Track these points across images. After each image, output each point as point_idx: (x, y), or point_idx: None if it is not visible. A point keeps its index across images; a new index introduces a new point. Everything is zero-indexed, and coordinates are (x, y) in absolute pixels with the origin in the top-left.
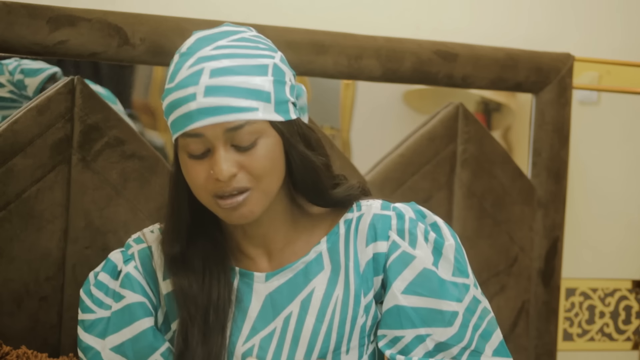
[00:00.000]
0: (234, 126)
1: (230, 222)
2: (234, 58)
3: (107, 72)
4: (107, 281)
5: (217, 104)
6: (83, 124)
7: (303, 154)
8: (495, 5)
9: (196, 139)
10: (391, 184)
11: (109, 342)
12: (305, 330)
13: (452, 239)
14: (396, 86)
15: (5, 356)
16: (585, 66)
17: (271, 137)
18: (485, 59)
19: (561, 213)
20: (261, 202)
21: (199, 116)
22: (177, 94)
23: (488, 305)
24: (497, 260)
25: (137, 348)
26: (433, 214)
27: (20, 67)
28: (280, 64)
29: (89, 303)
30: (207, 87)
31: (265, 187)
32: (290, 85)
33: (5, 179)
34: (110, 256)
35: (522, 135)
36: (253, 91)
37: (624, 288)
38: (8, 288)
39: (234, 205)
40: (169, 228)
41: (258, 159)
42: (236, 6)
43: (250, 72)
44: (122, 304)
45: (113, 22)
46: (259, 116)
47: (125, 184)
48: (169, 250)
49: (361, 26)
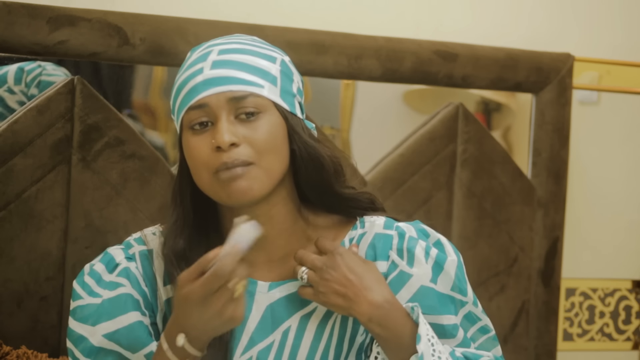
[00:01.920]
0: (238, 95)
1: (229, 198)
2: (242, 44)
3: (107, 72)
4: (101, 271)
5: (223, 75)
6: (83, 124)
7: (307, 142)
8: (495, 5)
9: (200, 111)
10: (391, 184)
11: (102, 328)
12: (303, 346)
13: (455, 256)
14: (396, 86)
15: (5, 356)
16: (585, 66)
17: (275, 117)
18: (485, 59)
19: (561, 213)
20: (261, 180)
21: (205, 87)
22: (186, 74)
23: (489, 325)
24: (497, 260)
25: (131, 337)
26: (437, 233)
27: (40, 79)
28: (288, 63)
29: (79, 291)
30: (215, 62)
31: (266, 165)
32: (298, 86)
33: (5, 179)
34: (108, 249)
35: (522, 135)
36: (260, 69)
37: (624, 288)
38: (8, 288)
39: (234, 175)
40: (173, 222)
41: (260, 132)
42: (236, 6)
43: (258, 55)
44: (118, 292)
45: (113, 22)
46: (264, 93)
47: (125, 184)
48: (173, 246)
49: (361, 26)
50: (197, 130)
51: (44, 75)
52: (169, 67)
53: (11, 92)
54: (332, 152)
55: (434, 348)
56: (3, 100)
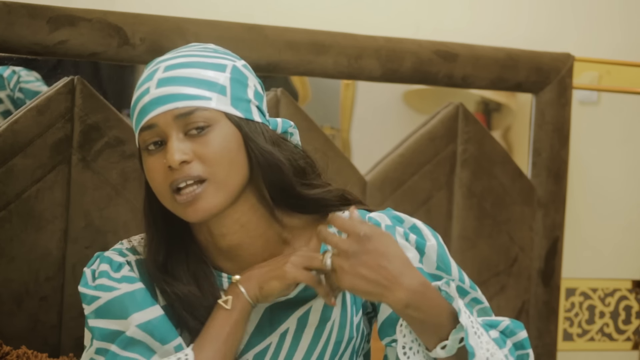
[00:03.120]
0: (183, 112)
1: (188, 218)
2: (189, 57)
3: (107, 72)
4: (108, 270)
5: (168, 93)
6: (83, 124)
7: (263, 148)
8: (495, 5)
9: (151, 131)
10: (391, 184)
11: (134, 319)
12: (300, 349)
13: (433, 239)
14: (396, 86)
15: (6, 356)
16: (585, 66)
17: (226, 128)
18: (485, 59)
19: (561, 213)
20: (217, 197)
21: (151, 107)
22: (136, 93)
23: (481, 297)
24: (497, 260)
25: (163, 329)
26: (410, 217)
27: (19, 86)
28: (242, 68)
29: (92, 292)
30: (160, 80)
31: (220, 179)
32: (255, 90)
33: (5, 179)
34: (103, 254)
35: (522, 135)
36: (205, 81)
37: (624, 288)
38: (8, 288)
39: (190, 199)
40: (150, 241)
41: (210, 146)
42: (236, 6)
43: (204, 67)
44: (136, 286)
45: (113, 22)
46: (211, 105)
47: (125, 184)
48: (154, 262)
49: (361, 26)
50: (152, 151)
51: (21, 82)
52: None
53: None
54: (293, 153)
55: (471, 319)
56: None
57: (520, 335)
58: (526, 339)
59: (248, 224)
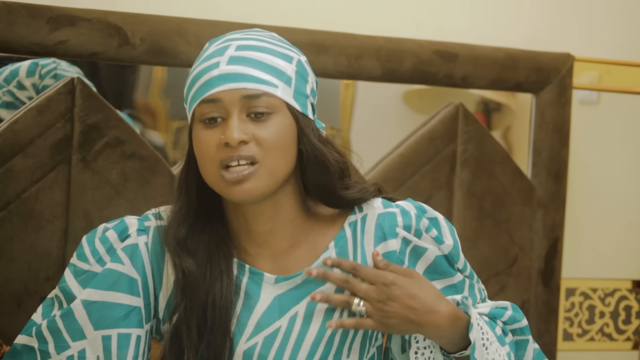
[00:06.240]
0: (252, 94)
1: (231, 197)
2: (261, 41)
3: (107, 72)
4: (113, 239)
5: (239, 72)
6: (83, 124)
7: (315, 145)
8: (495, 5)
9: (213, 105)
10: (391, 184)
11: (85, 294)
12: (310, 333)
13: (450, 239)
14: (396, 86)
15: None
16: (585, 66)
17: (286, 118)
18: (485, 59)
19: (561, 213)
20: (265, 181)
21: (220, 82)
22: (202, 66)
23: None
24: (497, 260)
25: (102, 315)
26: (433, 210)
27: (55, 72)
28: (305, 63)
29: (87, 252)
30: (231, 57)
31: (272, 165)
32: (312, 87)
33: (5, 179)
34: (125, 218)
35: (522, 135)
36: (275, 69)
37: (624, 288)
38: (8, 288)
39: (239, 177)
40: (177, 210)
41: (270, 131)
42: (236, 6)
43: (274, 54)
44: (116, 267)
45: (113, 22)
46: (277, 93)
47: (125, 184)
48: (175, 234)
49: (361, 26)
50: (207, 124)
51: (59, 69)
52: (169, 67)
53: (21, 87)
54: (339, 154)
55: (482, 330)
56: (13, 94)
57: (521, 323)
58: (527, 326)
59: (281, 211)
